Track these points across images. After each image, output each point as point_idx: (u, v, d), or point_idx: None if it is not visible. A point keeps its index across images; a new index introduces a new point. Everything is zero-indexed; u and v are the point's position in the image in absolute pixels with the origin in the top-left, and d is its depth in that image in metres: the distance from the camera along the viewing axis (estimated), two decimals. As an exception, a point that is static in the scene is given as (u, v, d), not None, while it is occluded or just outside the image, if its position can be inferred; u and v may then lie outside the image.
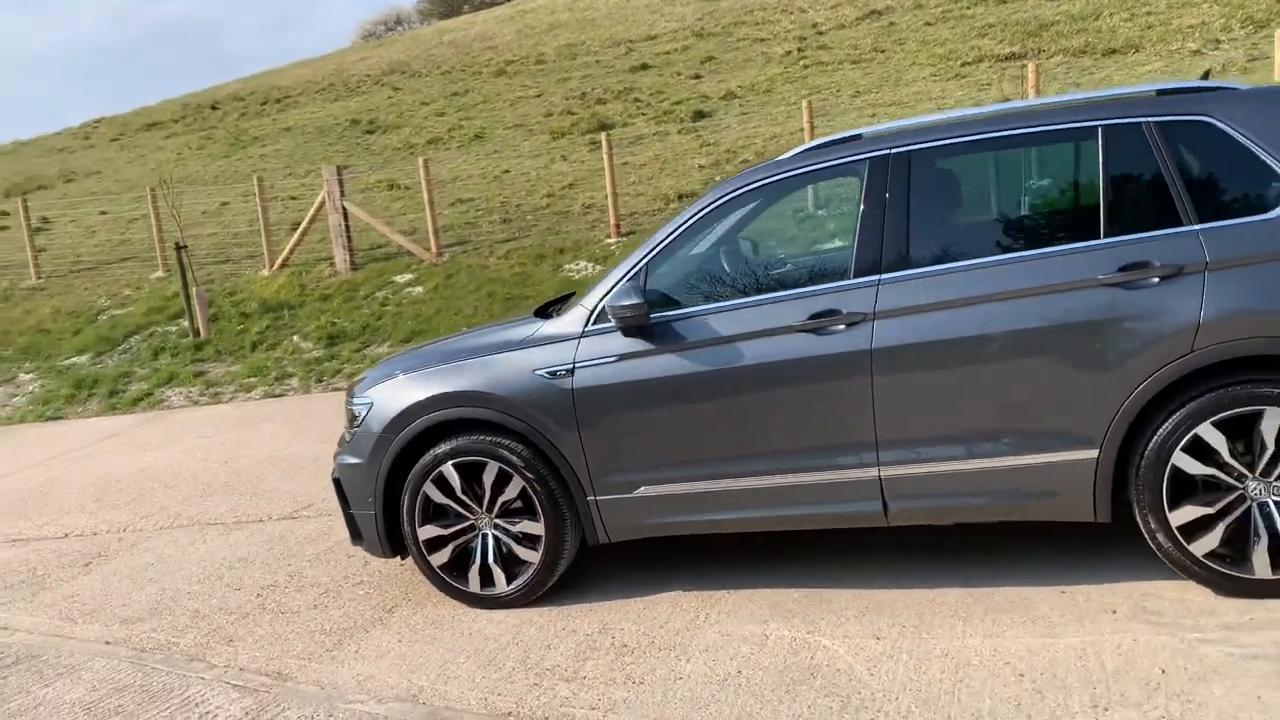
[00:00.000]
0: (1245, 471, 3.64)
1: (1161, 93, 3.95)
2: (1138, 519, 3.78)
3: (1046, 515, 3.92)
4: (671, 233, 4.34)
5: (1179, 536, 3.72)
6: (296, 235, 14.22)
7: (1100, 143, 3.84)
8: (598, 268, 11.95)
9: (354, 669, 4.16)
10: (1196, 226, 3.68)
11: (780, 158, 4.34)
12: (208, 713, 3.91)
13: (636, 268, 4.33)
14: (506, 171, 17.07)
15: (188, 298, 12.75)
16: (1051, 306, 3.75)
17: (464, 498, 4.52)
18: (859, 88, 18.10)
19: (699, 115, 18.39)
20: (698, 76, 22.02)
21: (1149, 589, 3.88)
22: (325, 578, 5.24)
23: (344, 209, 13.76)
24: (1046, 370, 3.76)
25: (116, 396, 11.59)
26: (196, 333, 12.69)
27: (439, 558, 4.61)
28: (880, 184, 4.05)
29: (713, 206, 4.33)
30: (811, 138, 12.50)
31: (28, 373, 13.15)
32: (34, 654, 4.76)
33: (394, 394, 4.63)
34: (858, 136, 4.26)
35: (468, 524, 4.56)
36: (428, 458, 4.52)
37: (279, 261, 14.26)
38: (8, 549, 6.57)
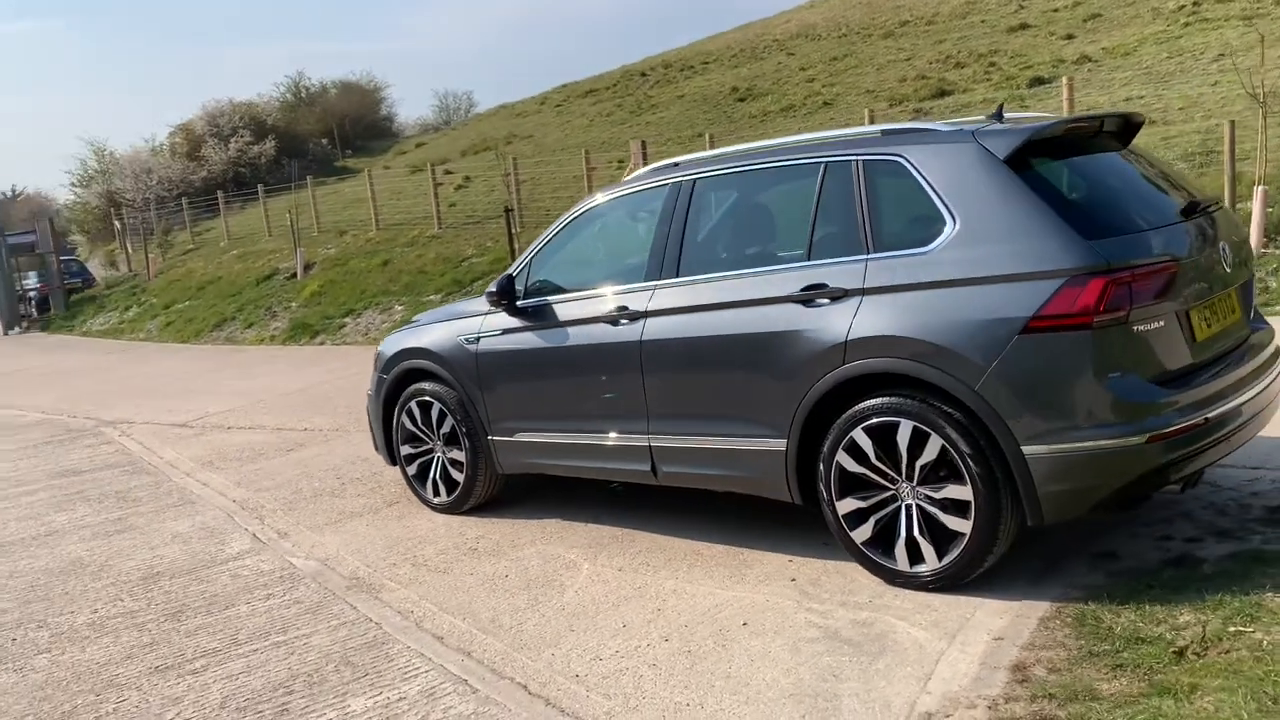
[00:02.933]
0: (895, 475, 4.12)
1: (885, 133, 4.39)
2: (822, 506, 4.38)
3: (762, 492, 4.62)
4: (550, 236, 5.47)
5: (844, 524, 4.28)
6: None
7: (821, 176, 4.40)
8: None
9: (327, 538, 5.86)
10: (866, 255, 4.17)
11: (627, 178, 5.28)
12: (238, 548, 5.85)
13: (522, 262, 5.52)
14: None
15: (512, 251, 15.28)
16: (759, 316, 4.43)
17: (425, 429, 6.02)
18: (1228, 49, 16.41)
19: (1037, 82, 17.73)
20: (1070, 37, 20.88)
21: (840, 568, 4.45)
22: (374, 481, 6.99)
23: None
24: (754, 369, 4.45)
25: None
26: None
27: (412, 469, 6.17)
28: (671, 206, 4.89)
29: (575, 217, 5.39)
30: (1072, 111, 12.06)
31: (400, 304, 16.53)
32: (189, 500, 7.07)
33: (389, 345, 6.23)
34: (675, 164, 5.09)
35: (426, 448, 6.06)
36: (403, 396, 6.08)
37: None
38: (247, 434, 9.19)
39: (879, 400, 4.07)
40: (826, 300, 4.21)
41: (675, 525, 5.27)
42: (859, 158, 4.29)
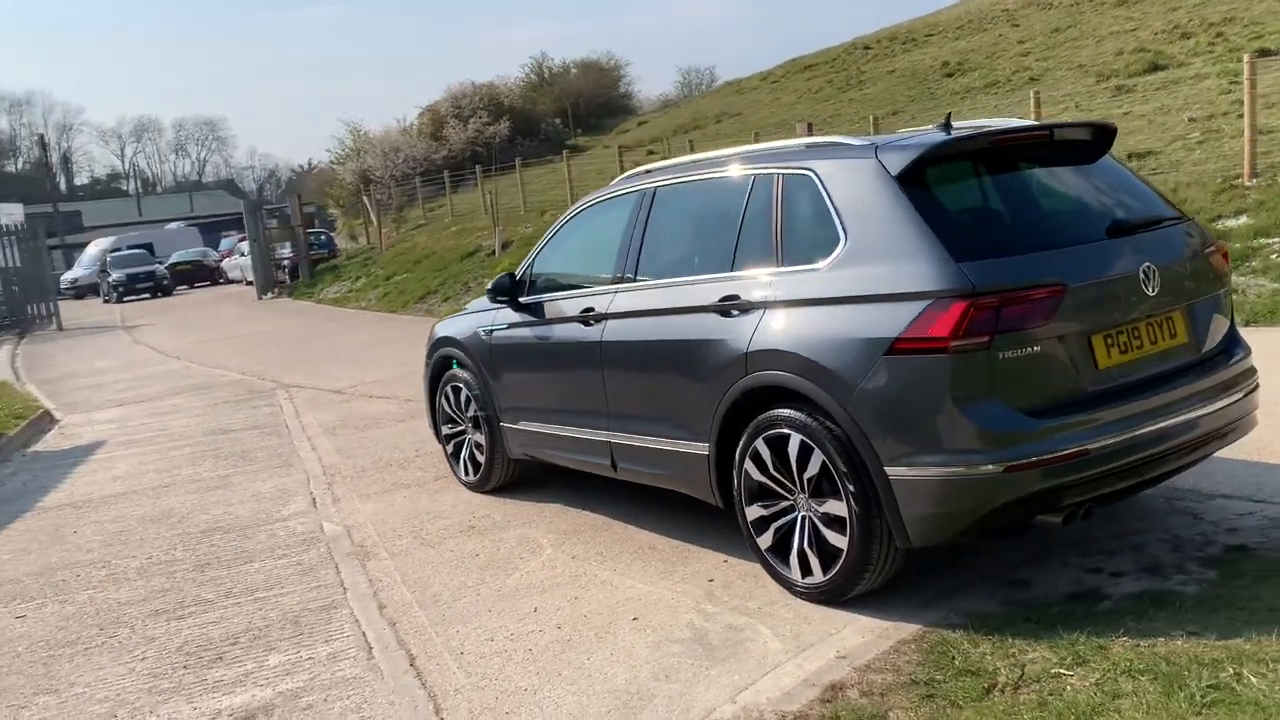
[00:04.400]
0: (792, 486, 4.18)
1: (807, 146, 4.38)
2: (736, 511, 4.48)
3: (694, 494, 4.75)
4: (551, 234, 5.76)
5: (751, 530, 4.38)
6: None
7: (750, 188, 4.46)
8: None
9: (366, 507, 6.46)
10: (774, 269, 4.22)
11: (611, 183, 5.49)
12: (293, 510, 6.58)
13: (527, 262, 5.85)
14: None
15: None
16: (687, 323, 4.57)
17: (457, 411, 6.48)
18: None
19: (1263, 54, 16.09)
20: (1322, 0, 18.73)
21: (761, 572, 4.52)
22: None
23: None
24: (683, 374, 4.59)
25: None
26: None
27: (449, 448, 6.67)
28: (635, 212, 5.07)
29: (571, 217, 5.65)
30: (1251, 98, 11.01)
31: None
32: (291, 462, 7.91)
33: (435, 331, 6.72)
34: (648, 171, 5.24)
35: (460, 429, 6.52)
36: (442, 380, 6.57)
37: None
38: (381, 403, 10.05)
39: (775, 412, 4.13)
40: (738, 311, 4.29)
41: (652, 518, 5.46)
42: (780, 171, 4.33)
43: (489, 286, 5.80)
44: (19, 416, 11.32)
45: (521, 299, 5.73)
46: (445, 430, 6.65)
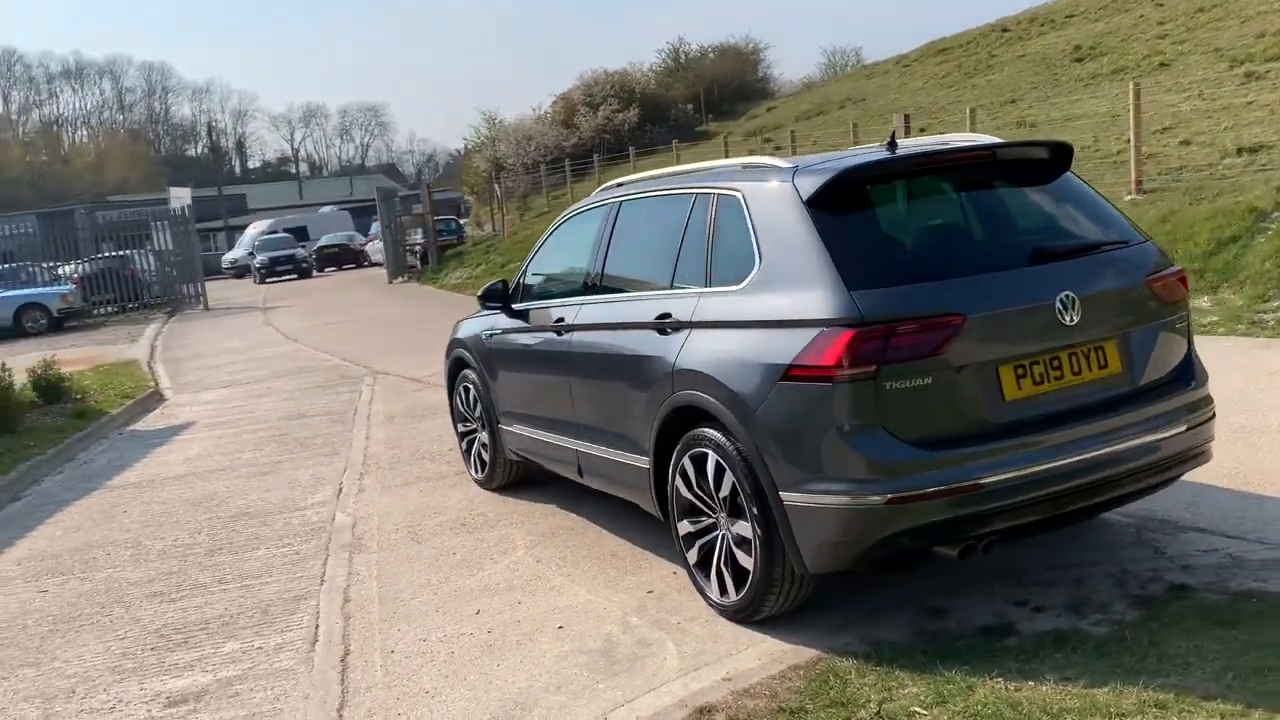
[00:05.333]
0: (715, 504, 4.21)
1: (744, 166, 4.37)
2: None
3: (644, 506, 4.82)
4: (540, 245, 5.90)
5: (682, 545, 4.43)
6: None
7: (691, 206, 4.49)
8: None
9: (382, 499, 6.77)
10: (702, 289, 4.25)
11: (593, 193, 5.57)
12: (318, 499, 6.95)
13: (521, 270, 6.00)
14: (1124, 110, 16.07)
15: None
16: (631, 339, 4.64)
17: (467, 410, 6.71)
18: None
19: None
20: None
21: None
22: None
23: (907, 154, 14.99)
24: (627, 388, 4.66)
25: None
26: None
27: (462, 445, 6.91)
28: (603, 225, 5.16)
29: (557, 227, 5.77)
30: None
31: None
32: (339, 450, 8.31)
33: (455, 330, 6.94)
34: (620, 184, 5.30)
35: (472, 428, 6.75)
36: (457, 379, 6.80)
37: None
38: (441, 393, 10.43)
39: (697, 431, 4.17)
40: (671, 330, 4.34)
41: (628, 524, 5.52)
42: (716, 191, 4.34)
43: (480, 292, 5.98)
44: (127, 396, 12.21)
45: (515, 305, 5.89)
46: (459, 428, 6.90)
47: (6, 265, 28.42)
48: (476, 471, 6.68)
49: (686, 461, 4.25)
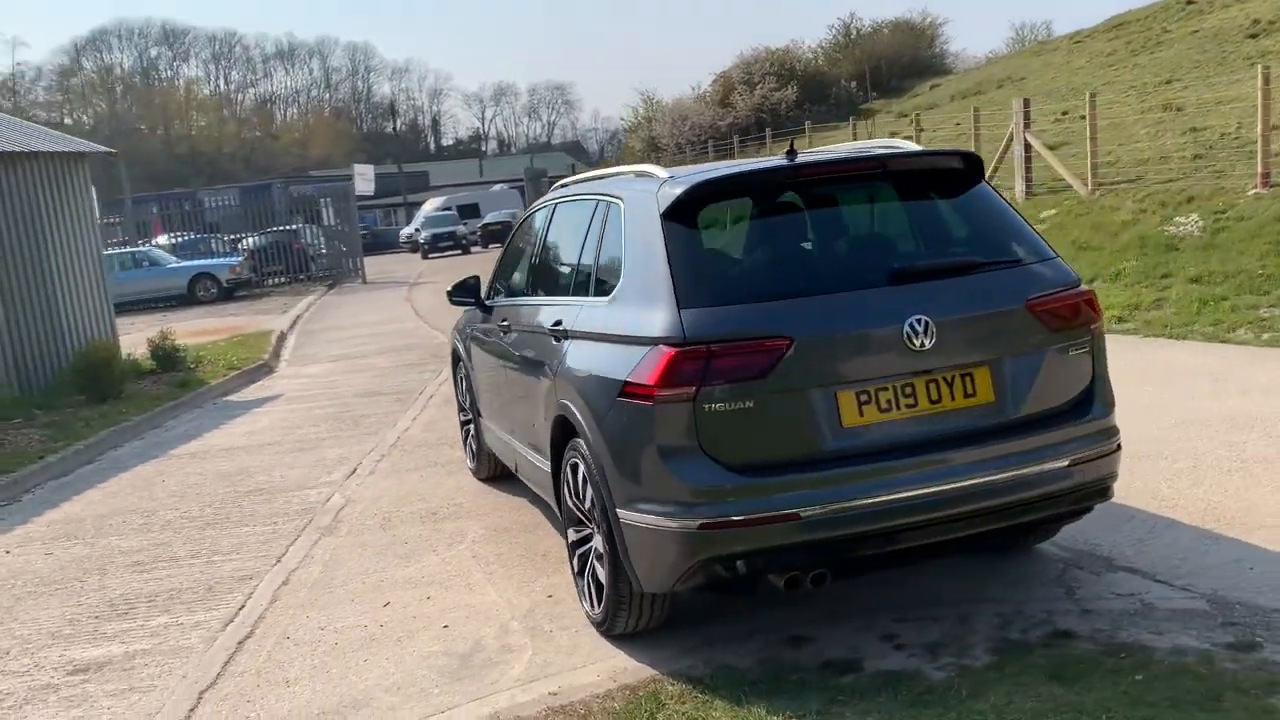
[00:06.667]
0: (585, 516, 4.18)
1: (636, 174, 4.26)
2: (566, 530, 4.52)
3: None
4: (508, 241, 5.94)
5: (569, 552, 4.42)
6: (994, 162, 15.11)
7: (593, 212, 4.44)
8: (1204, 223, 10.77)
9: (382, 483, 7.01)
10: (585, 297, 4.21)
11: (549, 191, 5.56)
12: (329, 479, 7.27)
13: (495, 266, 6.05)
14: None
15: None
16: (538, 344, 4.64)
17: (463, 399, 6.84)
18: None
19: None
20: None
21: (588, 595, 4.55)
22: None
23: (1025, 141, 14.23)
24: (535, 392, 4.66)
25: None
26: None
27: (462, 433, 7.05)
28: (541, 226, 5.17)
29: (519, 224, 5.79)
30: None
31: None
32: (378, 432, 8.64)
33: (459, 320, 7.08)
34: (564, 184, 5.26)
35: (468, 418, 6.88)
36: (457, 370, 6.95)
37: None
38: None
39: (572, 441, 4.14)
40: (561, 337, 4.32)
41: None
42: (608, 199, 4.27)
43: (450, 287, 6.07)
44: (234, 367, 13.01)
45: (487, 301, 5.96)
46: (460, 417, 7.05)
47: (190, 236, 30.72)
48: (470, 461, 6.82)
49: (567, 470, 4.23)
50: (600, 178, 4.73)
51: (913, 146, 4.22)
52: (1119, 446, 3.82)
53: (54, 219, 12.11)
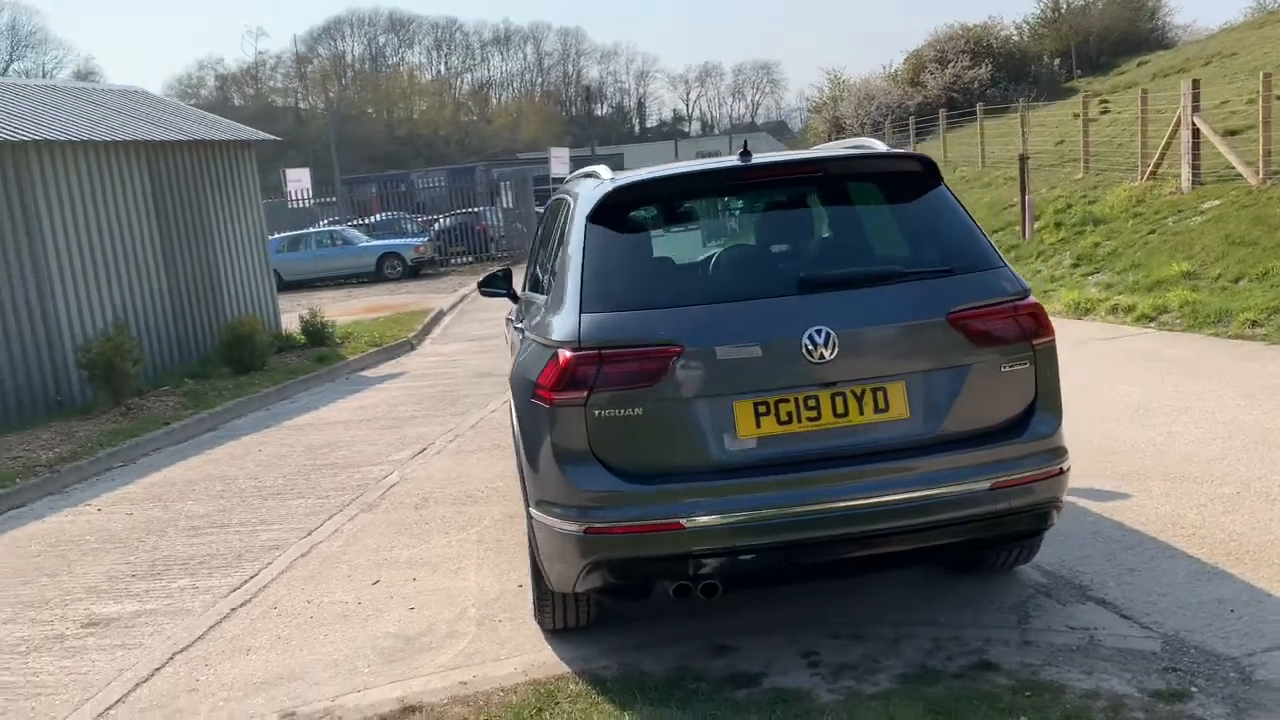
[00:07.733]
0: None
1: (586, 175, 4.26)
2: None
3: (533, 501, 4.90)
4: (534, 233, 6.03)
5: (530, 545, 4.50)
6: (1160, 148, 14.02)
7: (559, 211, 4.49)
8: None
9: (439, 462, 7.29)
10: (540, 296, 4.27)
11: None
12: (396, 458, 7.64)
13: (528, 257, 6.17)
14: None
15: (1023, 204, 14.31)
16: (516, 339, 4.74)
17: (517, 387, 7.02)
18: None
19: None
20: None
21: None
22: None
23: (1194, 125, 13.14)
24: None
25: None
26: (1024, 236, 14.27)
27: (519, 421, 7.24)
28: (549, 219, 5.23)
29: (542, 219, 5.87)
30: None
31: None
32: (465, 414, 8.96)
33: (515, 313, 7.24)
34: (577, 177, 5.29)
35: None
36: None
37: (1146, 174, 14.32)
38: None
39: (519, 438, 4.22)
40: (520, 334, 4.40)
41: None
42: (569, 198, 4.30)
43: (481, 279, 6.22)
44: (374, 344, 13.71)
45: (518, 293, 6.09)
46: (515, 403, 7.23)
47: (384, 216, 32.52)
48: (518, 446, 6.99)
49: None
50: (579, 177, 4.76)
51: (879, 148, 4.04)
52: (1063, 470, 3.55)
53: (219, 202, 13.12)
